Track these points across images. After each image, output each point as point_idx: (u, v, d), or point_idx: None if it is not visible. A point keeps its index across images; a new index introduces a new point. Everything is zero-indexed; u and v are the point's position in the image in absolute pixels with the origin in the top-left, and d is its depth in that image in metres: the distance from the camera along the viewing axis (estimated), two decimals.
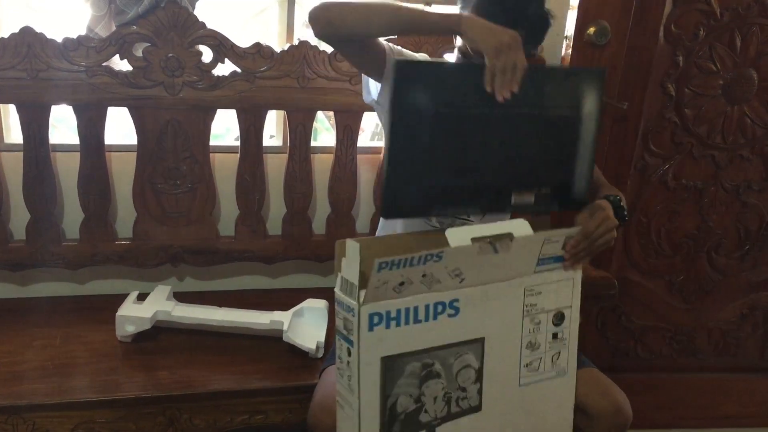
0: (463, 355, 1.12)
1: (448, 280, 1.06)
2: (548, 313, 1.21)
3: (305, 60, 1.66)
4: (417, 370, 1.09)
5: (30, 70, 1.53)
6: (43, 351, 1.51)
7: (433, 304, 1.07)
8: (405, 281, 1.02)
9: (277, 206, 1.83)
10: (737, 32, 1.77)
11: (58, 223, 1.70)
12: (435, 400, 1.11)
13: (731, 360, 2.14)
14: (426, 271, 1.03)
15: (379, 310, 1.03)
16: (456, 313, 1.09)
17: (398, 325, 1.05)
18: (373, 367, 1.05)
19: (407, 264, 1.00)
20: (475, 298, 1.11)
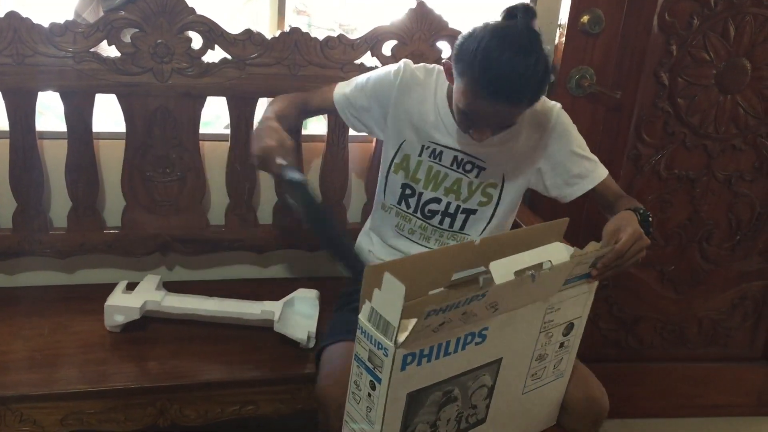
0: (481, 377, 1.10)
1: (483, 313, 1.02)
2: (561, 326, 1.19)
3: (297, 47, 1.64)
4: (438, 399, 1.05)
5: (16, 55, 1.50)
6: (31, 341, 1.49)
7: (464, 336, 1.03)
8: (446, 321, 0.96)
9: (267, 195, 1.82)
10: (731, 21, 1.76)
11: (45, 211, 1.68)
12: (448, 422, 1.09)
13: (721, 350, 2.15)
14: (467, 310, 0.98)
15: (413, 351, 0.96)
16: (483, 340, 1.05)
17: (429, 362, 0.99)
18: (399, 403, 1.00)
19: (453, 307, 0.95)
20: (503, 323, 1.07)
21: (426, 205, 1.51)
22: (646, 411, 2.13)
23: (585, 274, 1.17)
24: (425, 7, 1.68)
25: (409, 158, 1.50)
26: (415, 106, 1.47)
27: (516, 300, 1.06)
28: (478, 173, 1.48)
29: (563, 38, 1.74)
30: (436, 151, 1.48)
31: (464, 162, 1.47)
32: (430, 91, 1.47)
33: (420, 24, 1.69)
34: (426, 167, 1.49)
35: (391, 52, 1.70)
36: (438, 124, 1.46)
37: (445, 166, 1.48)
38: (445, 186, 1.49)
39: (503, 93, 1.22)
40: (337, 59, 1.67)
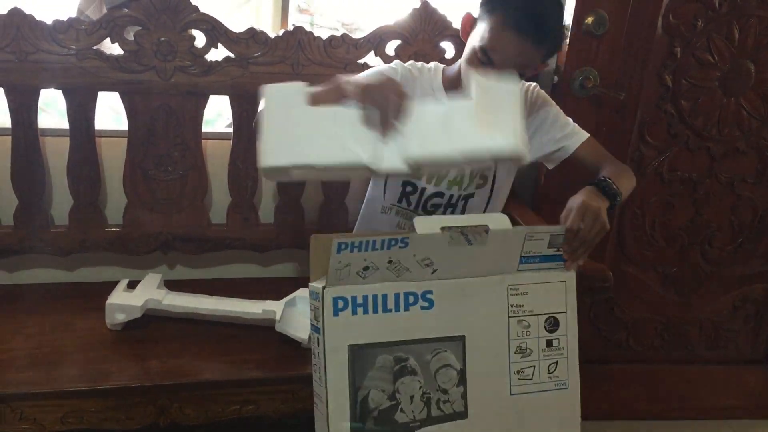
0: (441, 353, 1.09)
1: (417, 269, 1.04)
2: (538, 316, 1.16)
3: (300, 46, 1.64)
4: (389, 364, 1.05)
5: (18, 52, 1.50)
6: (32, 339, 1.48)
7: (404, 294, 1.04)
8: (370, 266, 1.00)
9: (269, 194, 1.82)
10: (735, 24, 1.76)
11: (46, 209, 1.68)
12: (412, 400, 1.08)
13: (723, 352, 2.15)
14: (392, 257, 1.01)
15: (343, 295, 1.01)
16: (430, 306, 1.06)
17: (366, 313, 1.02)
18: (339, 354, 1.02)
19: (369, 247, 0.98)
20: (451, 291, 1.07)
21: (428, 201, 1.52)
22: (646, 413, 2.13)
23: (551, 257, 1.15)
24: (429, 7, 1.68)
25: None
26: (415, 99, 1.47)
27: (458, 265, 1.07)
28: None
29: (567, 39, 1.73)
30: None
31: None
32: (427, 84, 1.49)
33: (424, 24, 1.68)
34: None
35: (395, 52, 1.70)
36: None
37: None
38: (449, 179, 1.50)
39: (533, 28, 1.27)
40: (341, 58, 1.66)
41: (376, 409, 1.06)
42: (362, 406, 1.05)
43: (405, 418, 1.08)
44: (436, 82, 1.50)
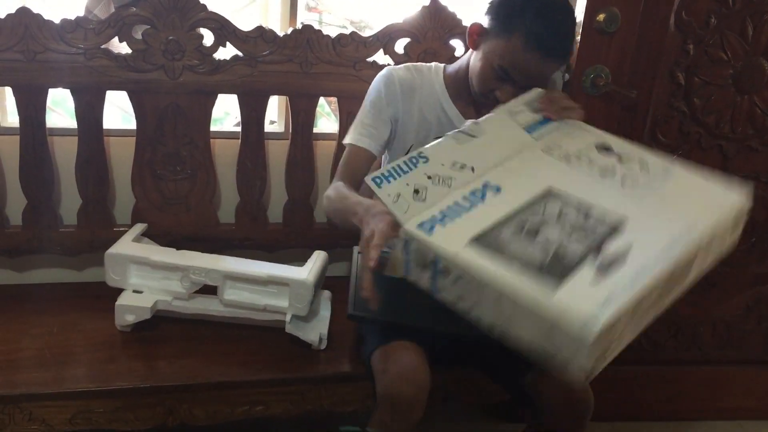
0: (545, 207, 1.03)
1: (459, 174, 1.04)
2: (586, 150, 1.17)
3: (308, 44, 1.63)
4: (515, 235, 0.97)
5: (27, 51, 1.49)
6: (41, 339, 1.48)
7: (469, 194, 1.03)
8: (418, 188, 1.00)
9: (278, 193, 1.81)
10: (749, 21, 1.73)
11: (55, 208, 1.68)
12: (569, 234, 0.99)
13: (735, 353, 2.12)
14: (427, 173, 1.02)
15: (422, 220, 0.98)
16: (498, 189, 1.05)
17: (452, 220, 0.99)
18: (468, 251, 0.93)
19: (400, 171, 1.01)
20: (503, 174, 1.08)
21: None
22: (658, 414, 2.11)
23: (543, 122, 1.22)
24: (439, 5, 1.67)
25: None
26: (416, 105, 1.48)
27: (486, 157, 1.10)
28: None
29: (578, 37, 1.71)
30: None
31: None
32: (429, 86, 1.49)
33: (433, 21, 1.67)
34: None
35: (404, 50, 1.69)
36: (443, 116, 1.48)
37: None
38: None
39: (557, 47, 1.30)
40: (350, 57, 1.65)
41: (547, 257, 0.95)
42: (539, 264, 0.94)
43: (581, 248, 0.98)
44: (438, 83, 1.49)
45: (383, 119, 1.47)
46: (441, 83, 1.49)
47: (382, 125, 1.48)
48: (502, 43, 1.30)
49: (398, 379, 1.28)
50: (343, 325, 1.55)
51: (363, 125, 1.48)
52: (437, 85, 1.49)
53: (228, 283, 1.50)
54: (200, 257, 1.53)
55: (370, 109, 1.48)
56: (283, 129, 1.83)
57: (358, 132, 1.48)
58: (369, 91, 1.51)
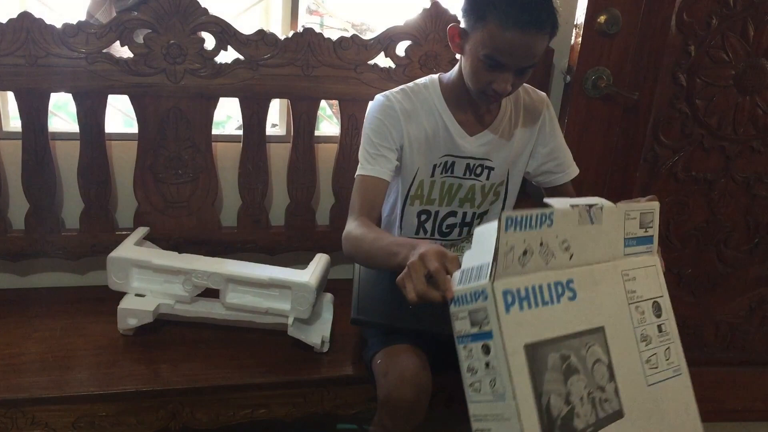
0: (592, 347, 1.02)
1: (560, 254, 1.00)
2: (647, 301, 1.13)
3: (309, 48, 1.63)
4: (558, 363, 0.96)
5: (29, 56, 1.50)
6: (43, 343, 1.49)
7: (554, 284, 0.99)
8: (528, 250, 0.95)
9: (280, 197, 1.81)
10: (750, 21, 1.73)
11: (57, 212, 1.68)
12: (582, 402, 0.99)
13: (739, 354, 2.12)
14: (543, 239, 0.96)
15: (510, 288, 0.92)
16: (574, 296, 1.01)
17: (530, 307, 0.94)
18: (519, 357, 0.91)
19: (528, 224, 0.94)
20: (586, 279, 1.03)
21: (443, 222, 1.54)
22: None
23: (643, 239, 1.14)
24: (439, 7, 1.67)
25: (423, 183, 1.51)
26: (421, 126, 1.47)
27: (586, 247, 1.04)
28: (488, 175, 1.52)
29: (579, 38, 1.71)
30: (448, 163, 1.49)
31: (475, 167, 1.51)
32: (428, 101, 1.47)
33: (434, 24, 1.67)
34: (439, 185, 1.51)
35: (405, 53, 1.69)
36: (446, 134, 1.47)
37: (458, 177, 1.51)
38: (460, 197, 1.52)
39: (533, 19, 1.24)
40: (351, 60, 1.66)
41: (558, 417, 0.95)
42: (548, 415, 0.94)
43: (582, 424, 0.98)
44: (437, 97, 1.47)
45: (388, 146, 1.44)
46: (439, 96, 1.47)
47: (388, 152, 1.44)
48: (481, 33, 1.29)
49: (399, 382, 1.28)
50: (345, 327, 1.55)
51: (369, 155, 1.43)
52: (436, 100, 1.47)
53: (230, 287, 1.50)
54: (202, 260, 1.53)
55: (373, 138, 1.44)
56: (284, 132, 1.84)
57: (366, 162, 1.43)
58: (367, 120, 1.46)
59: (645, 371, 1.09)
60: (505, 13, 1.25)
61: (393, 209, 1.58)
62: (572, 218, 1.01)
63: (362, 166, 1.43)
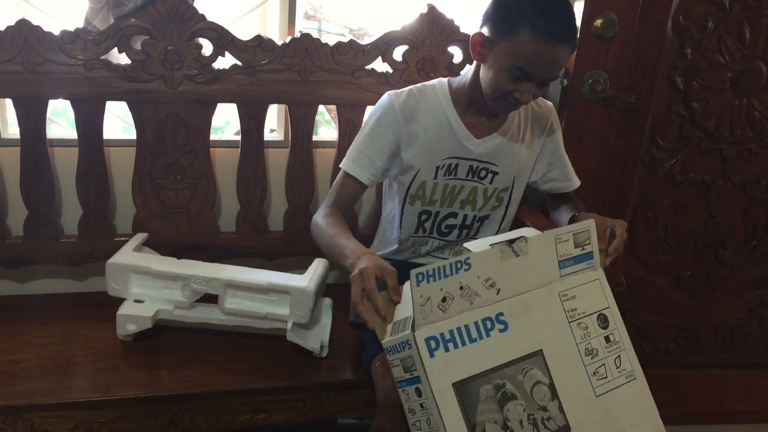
0: (529, 371, 1.08)
1: (485, 292, 1.06)
2: (590, 316, 1.18)
3: (307, 53, 1.63)
4: (492, 393, 1.04)
5: (27, 63, 1.50)
6: (42, 349, 1.48)
7: (481, 321, 1.05)
8: (446, 296, 1.01)
9: (278, 202, 1.81)
10: (746, 24, 1.74)
11: (56, 219, 1.68)
12: (522, 425, 1.06)
13: (738, 356, 2.12)
14: (462, 282, 1.03)
15: (433, 334, 1.01)
16: (505, 327, 1.07)
17: (456, 347, 1.02)
18: (448, 394, 1.00)
19: (442, 274, 1.00)
20: (518, 309, 1.09)
21: (442, 222, 1.54)
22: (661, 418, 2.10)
23: (580, 257, 1.18)
24: (436, 12, 1.67)
25: (425, 185, 1.51)
26: (422, 126, 1.47)
27: (514, 281, 1.09)
28: (492, 179, 1.52)
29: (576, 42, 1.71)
30: (452, 165, 1.49)
31: (479, 170, 1.50)
32: (434, 103, 1.48)
33: (431, 29, 1.68)
34: (442, 187, 1.51)
35: (402, 57, 1.69)
36: (451, 135, 1.47)
37: (461, 178, 1.51)
38: (461, 199, 1.52)
39: (564, 33, 1.29)
40: (348, 65, 1.66)
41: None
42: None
43: None
44: (445, 99, 1.48)
45: (380, 147, 1.46)
46: (447, 98, 1.48)
47: (378, 153, 1.46)
48: (510, 44, 1.31)
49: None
50: (344, 332, 1.55)
51: (359, 152, 1.47)
52: (443, 101, 1.47)
53: (229, 292, 1.50)
54: (201, 266, 1.53)
55: (367, 136, 1.47)
56: (282, 137, 1.84)
57: (351, 159, 1.47)
58: (369, 116, 1.50)
59: (592, 383, 1.15)
60: (538, 26, 1.27)
61: (393, 208, 1.58)
62: (493, 257, 1.07)
63: (348, 160, 1.47)
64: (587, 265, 1.20)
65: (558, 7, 1.30)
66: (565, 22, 1.30)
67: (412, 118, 1.46)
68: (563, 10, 1.30)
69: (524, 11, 1.28)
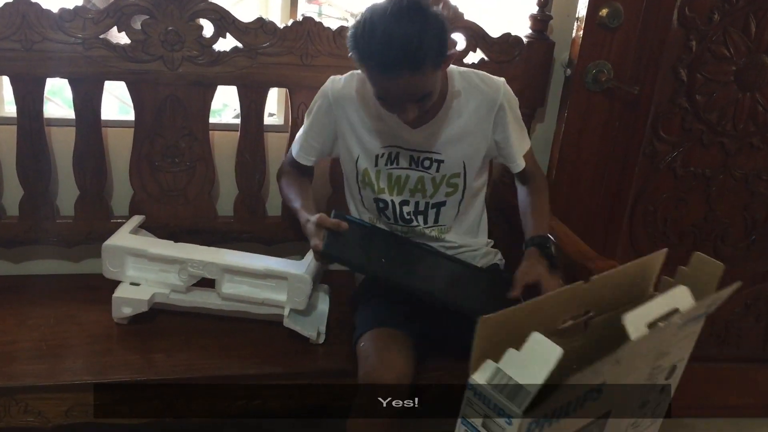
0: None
1: (608, 368, 0.91)
2: (665, 370, 1.06)
3: (309, 36, 1.61)
4: None
5: (24, 41, 1.48)
6: (37, 331, 1.47)
7: (585, 394, 0.91)
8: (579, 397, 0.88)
9: (277, 186, 1.79)
10: (752, 17, 1.73)
11: (52, 199, 1.66)
12: None
13: (733, 350, 2.13)
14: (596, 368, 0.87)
15: (539, 417, 0.85)
16: (598, 396, 0.94)
17: (549, 425, 0.88)
18: None
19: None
20: (617, 374, 0.95)
21: (402, 210, 1.52)
22: None
23: (700, 316, 1.05)
24: None
25: (368, 172, 1.50)
26: (355, 117, 1.47)
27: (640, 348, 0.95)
28: (438, 167, 1.48)
29: (581, 32, 1.70)
30: (392, 154, 1.48)
31: (422, 159, 1.48)
32: (361, 96, 1.46)
33: None
34: (386, 175, 1.49)
35: None
36: (386, 124, 1.45)
37: (404, 168, 1.48)
38: (410, 188, 1.49)
39: (393, 62, 1.21)
40: None
41: None
42: None
43: None
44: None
45: (317, 131, 1.52)
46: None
47: (316, 137, 1.52)
48: (364, 75, 1.30)
49: (379, 365, 1.29)
50: (341, 319, 1.54)
51: (300, 136, 1.55)
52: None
53: (226, 277, 1.49)
54: (198, 250, 1.52)
55: (307, 121, 1.53)
56: (282, 121, 1.82)
57: (298, 144, 1.55)
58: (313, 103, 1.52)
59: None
60: (368, 66, 1.26)
61: (350, 189, 1.58)
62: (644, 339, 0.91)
63: (294, 146, 1.57)
64: (698, 319, 1.07)
65: (384, 33, 1.20)
66: (390, 53, 1.20)
67: (346, 105, 1.46)
68: (395, 37, 1.20)
69: (358, 42, 1.24)
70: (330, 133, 1.51)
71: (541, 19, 1.73)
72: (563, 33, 1.78)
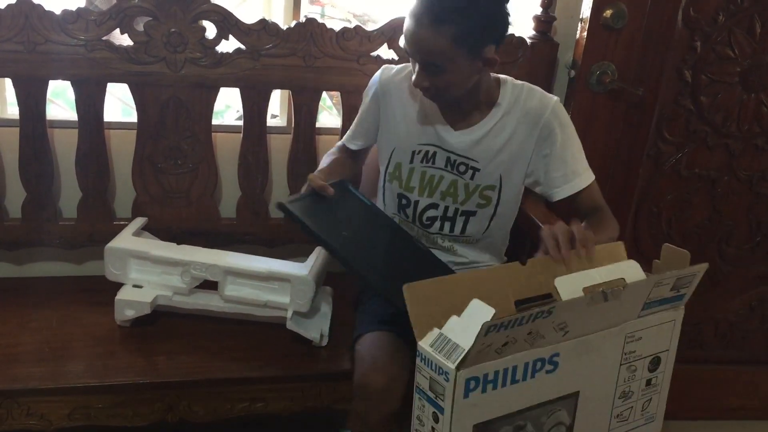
0: (556, 413, 1.03)
1: (552, 334, 0.96)
2: (645, 359, 1.10)
3: (312, 38, 1.61)
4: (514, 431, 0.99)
5: (27, 42, 1.48)
6: (39, 333, 1.47)
7: (533, 362, 0.96)
8: (509, 341, 0.91)
9: (280, 188, 1.79)
10: (757, 18, 1.72)
11: (55, 201, 1.66)
12: None
13: (738, 352, 2.11)
14: (532, 329, 0.92)
15: (476, 374, 0.91)
16: (554, 368, 0.98)
17: (494, 388, 0.93)
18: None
19: (516, 324, 0.89)
20: (575, 349, 1.00)
21: (423, 213, 1.50)
22: None
23: (670, 299, 1.08)
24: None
25: (401, 167, 1.49)
26: (398, 109, 1.47)
27: (587, 323, 0.99)
28: (473, 175, 1.46)
29: (585, 33, 1.70)
30: (429, 153, 1.47)
31: (458, 163, 1.46)
32: (409, 89, 1.46)
33: None
34: (419, 173, 1.48)
35: None
36: (428, 122, 1.45)
37: (439, 168, 1.47)
38: (441, 190, 1.47)
39: (426, 10, 1.24)
40: (354, 51, 1.64)
41: None
42: None
43: None
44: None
45: (365, 116, 1.55)
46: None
47: (363, 122, 1.56)
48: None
49: (371, 368, 1.29)
50: (344, 321, 1.54)
51: (354, 122, 1.59)
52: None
53: (229, 279, 1.48)
54: (201, 252, 1.52)
55: (361, 108, 1.57)
56: (285, 123, 1.82)
57: (351, 131, 1.59)
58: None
59: (611, 425, 1.11)
60: (411, 3, 1.28)
61: (379, 183, 1.58)
62: (581, 303, 0.97)
63: (347, 134, 1.60)
64: (672, 306, 1.10)
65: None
66: (430, 3, 1.24)
67: (391, 95, 1.48)
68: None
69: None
70: (375, 119, 1.53)
71: (544, 20, 1.72)
72: (567, 34, 1.77)
